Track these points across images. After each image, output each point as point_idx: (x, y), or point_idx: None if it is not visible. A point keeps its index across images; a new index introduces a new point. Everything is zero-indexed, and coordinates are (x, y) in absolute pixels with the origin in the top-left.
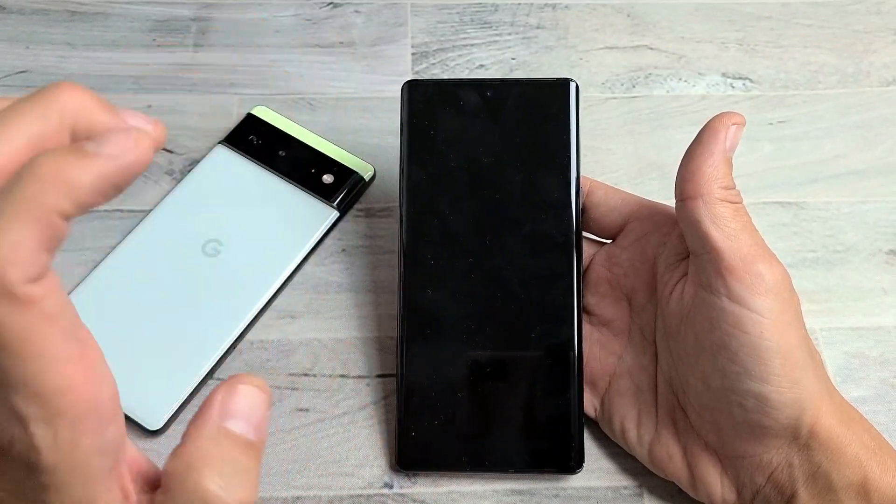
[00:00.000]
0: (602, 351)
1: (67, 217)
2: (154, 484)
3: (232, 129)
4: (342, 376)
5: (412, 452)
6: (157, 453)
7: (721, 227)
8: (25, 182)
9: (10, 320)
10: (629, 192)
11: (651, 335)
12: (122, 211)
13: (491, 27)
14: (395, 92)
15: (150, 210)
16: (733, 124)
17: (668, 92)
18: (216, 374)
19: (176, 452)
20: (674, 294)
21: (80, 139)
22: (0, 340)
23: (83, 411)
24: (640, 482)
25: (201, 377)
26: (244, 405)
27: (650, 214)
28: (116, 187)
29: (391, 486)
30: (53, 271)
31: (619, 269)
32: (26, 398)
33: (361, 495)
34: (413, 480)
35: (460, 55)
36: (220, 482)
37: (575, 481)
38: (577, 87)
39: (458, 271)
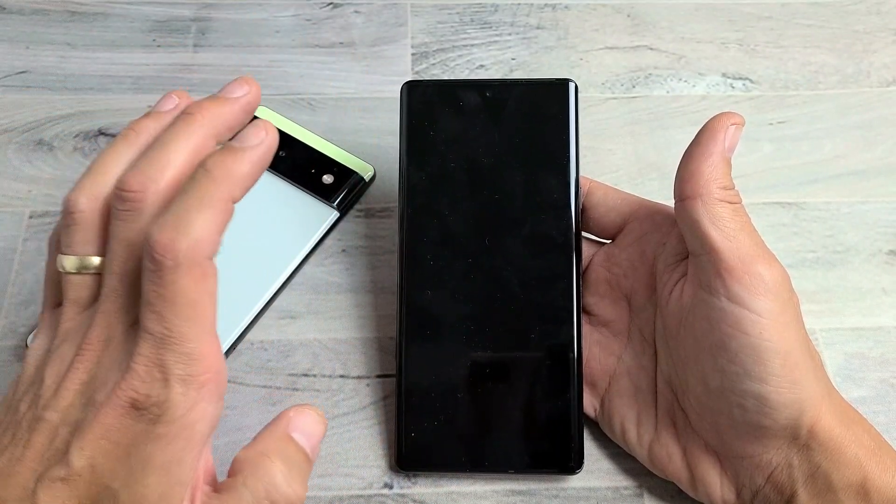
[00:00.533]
0: (602, 351)
1: (236, 201)
2: (212, 482)
3: None
4: (342, 377)
5: (412, 453)
6: None
7: (720, 227)
8: (202, 180)
9: (191, 287)
10: (629, 192)
11: (650, 335)
12: None
13: (491, 27)
14: (395, 92)
15: None
16: (732, 124)
17: (668, 92)
18: None
19: (248, 446)
20: (673, 294)
21: (223, 141)
22: (178, 301)
23: (210, 379)
24: (640, 482)
25: None
26: (307, 425)
27: (649, 214)
28: (264, 168)
29: (391, 487)
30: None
31: (618, 269)
32: (178, 357)
33: (361, 495)
34: (413, 481)
35: (460, 55)
36: (285, 472)
37: (575, 482)
38: (576, 88)
39: (457, 272)
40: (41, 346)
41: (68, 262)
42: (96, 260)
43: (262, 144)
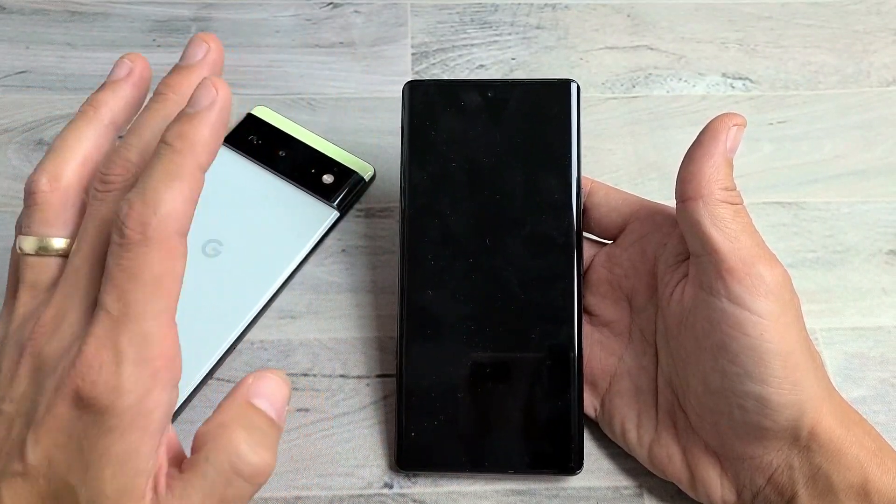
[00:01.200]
0: (602, 351)
1: (204, 169)
2: (179, 462)
3: (232, 129)
4: (342, 376)
5: (412, 453)
6: None
7: (721, 228)
8: (165, 153)
9: (156, 263)
10: (629, 192)
11: (651, 336)
12: None
13: (491, 27)
14: (395, 92)
15: None
16: (734, 125)
17: (668, 92)
18: (216, 375)
19: (208, 419)
20: (674, 295)
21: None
22: (141, 276)
23: (164, 365)
24: (640, 482)
25: (201, 377)
26: (269, 389)
27: (651, 215)
28: (225, 125)
29: (391, 487)
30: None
31: (619, 269)
32: (132, 337)
33: (361, 495)
34: (413, 480)
35: (460, 55)
36: (248, 440)
37: (575, 481)
38: (577, 88)
39: (458, 272)
40: None
41: (27, 243)
42: (57, 241)
43: (216, 104)
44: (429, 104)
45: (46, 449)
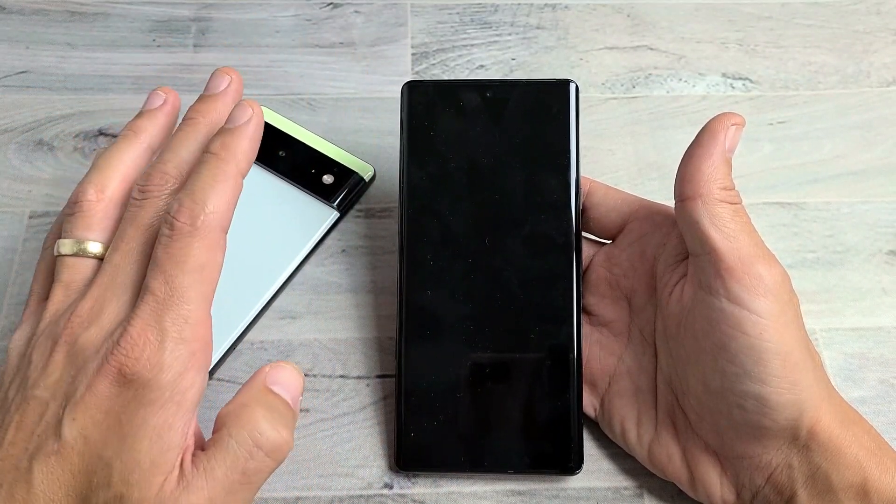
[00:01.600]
0: (602, 351)
1: (243, 175)
2: (201, 445)
3: None
4: (342, 377)
5: (412, 453)
6: None
7: (720, 227)
8: (211, 161)
9: (202, 252)
10: (629, 192)
11: (651, 336)
12: None
13: (491, 27)
14: (395, 92)
15: None
16: (732, 125)
17: (668, 92)
18: (216, 375)
19: (229, 402)
20: (673, 295)
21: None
22: (188, 262)
23: (200, 348)
24: (640, 482)
25: None
26: (285, 378)
27: (650, 215)
28: (259, 138)
29: (391, 487)
30: None
31: (618, 269)
32: (176, 317)
33: (361, 496)
34: (413, 481)
35: (460, 55)
36: (268, 418)
37: (575, 482)
38: (577, 88)
39: (457, 272)
40: (24, 336)
41: (66, 245)
42: (94, 245)
43: (252, 120)
44: (428, 104)
45: (83, 426)
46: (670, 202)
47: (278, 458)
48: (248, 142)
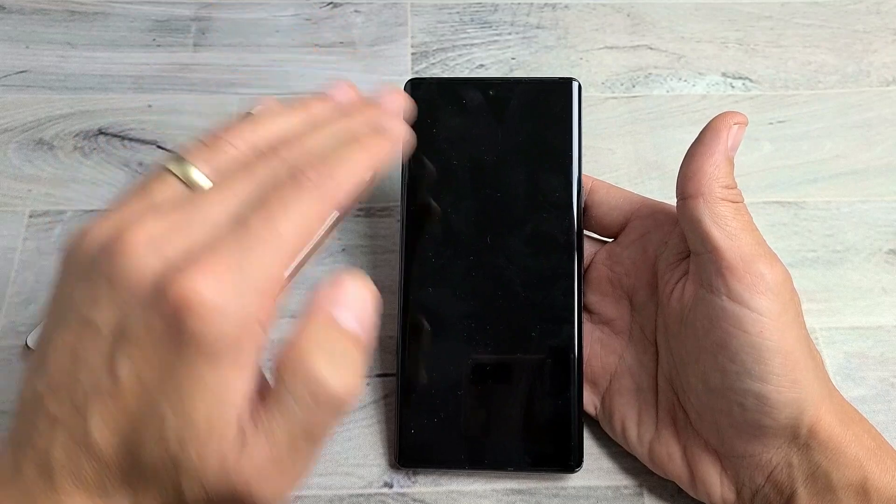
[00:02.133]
0: (603, 349)
1: (373, 175)
2: (264, 393)
3: None
4: None
5: (412, 450)
6: None
7: (722, 226)
8: (353, 146)
9: (313, 216)
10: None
11: (652, 334)
12: None
13: (491, 27)
14: None
15: None
16: (735, 124)
17: (668, 92)
18: None
19: (287, 342)
20: (674, 293)
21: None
22: (296, 218)
23: (271, 307)
24: (640, 482)
25: None
26: (350, 297)
27: (651, 213)
28: (390, 155)
29: (391, 486)
30: None
31: (620, 267)
32: (261, 264)
33: (361, 494)
34: (413, 480)
35: (460, 55)
36: (329, 366)
37: (575, 480)
38: (579, 87)
39: (458, 270)
40: (84, 235)
41: (174, 161)
42: (202, 178)
43: (399, 134)
44: (430, 102)
45: (139, 368)
46: (670, 201)
47: (345, 409)
48: (389, 145)
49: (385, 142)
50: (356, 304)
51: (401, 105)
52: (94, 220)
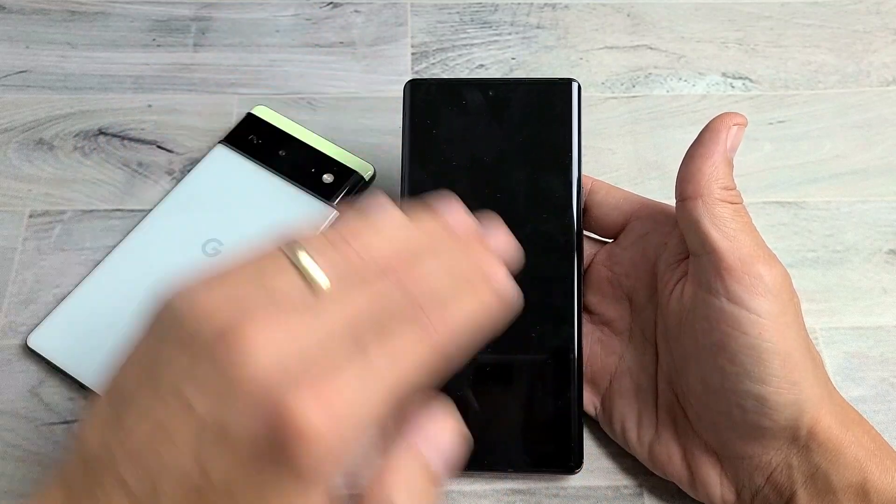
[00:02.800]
0: (603, 350)
1: (490, 328)
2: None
3: (232, 128)
4: None
5: None
6: None
7: (721, 227)
8: (473, 296)
9: (425, 362)
10: (630, 191)
11: (651, 335)
12: (121, 211)
13: (491, 27)
14: (395, 92)
15: (150, 210)
16: (734, 125)
17: (668, 92)
18: None
19: (375, 473)
20: (674, 294)
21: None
22: (417, 359)
23: (368, 441)
24: (640, 482)
25: None
26: (441, 436)
27: (651, 214)
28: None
29: None
30: None
31: (619, 268)
32: (378, 394)
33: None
34: None
35: (460, 55)
36: (406, 496)
37: (575, 481)
38: (579, 88)
39: None
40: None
41: (304, 255)
42: (322, 278)
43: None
44: (430, 103)
45: (228, 468)
46: (670, 201)
47: None
48: (499, 307)
49: (495, 298)
50: (444, 444)
51: (508, 247)
52: (204, 286)
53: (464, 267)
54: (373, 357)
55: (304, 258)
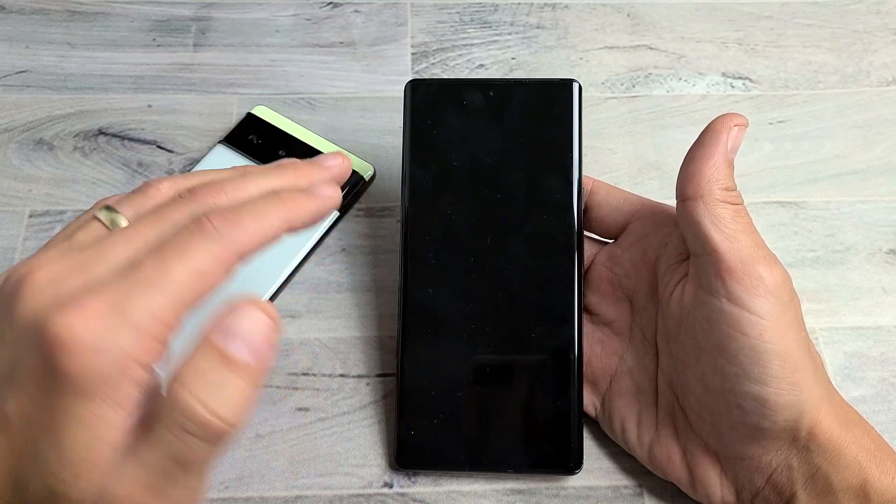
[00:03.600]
0: (603, 350)
1: (290, 231)
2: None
3: (232, 128)
4: (342, 376)
5: (411, 451)
6: None
7: (721, 228)
8: (270, 202)
9: (210, 263)
10: (630, 191)
11: (652, 335)
12: None
13: (491, 27)
14: (395, 92)
15: None
16: (735, 125)
17: (668, 92)
18: None
19: (172, 372)
20: (674, 295)
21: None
22: (194, 264)
23: (153, 348)
24: (640, 482)
25: None
26: (243, 325)
27: (651, 214)
28: (315, 221)
29: (391, 486)
30: None
31: (620, 269)
32: (145, 307)
33: (361, 495)
34: (413, 480)
35: (460, 55)
36: (198, 394)
37: (575, 481)
38: (580, 88)
39: (459, 271)
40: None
41: (103, 211)
42: (122, 223)
43: (330, 202)
44: (431, 103)
45: (23, 403)
46: (670, 201)
47: (218, 442)
48: (315, 209)
49: (308, 201)
50: (249, 332)
51: (341, 168)
52: (34, 255)
53: (278, 186)
54: (143, 267)
55: (103, 212)
